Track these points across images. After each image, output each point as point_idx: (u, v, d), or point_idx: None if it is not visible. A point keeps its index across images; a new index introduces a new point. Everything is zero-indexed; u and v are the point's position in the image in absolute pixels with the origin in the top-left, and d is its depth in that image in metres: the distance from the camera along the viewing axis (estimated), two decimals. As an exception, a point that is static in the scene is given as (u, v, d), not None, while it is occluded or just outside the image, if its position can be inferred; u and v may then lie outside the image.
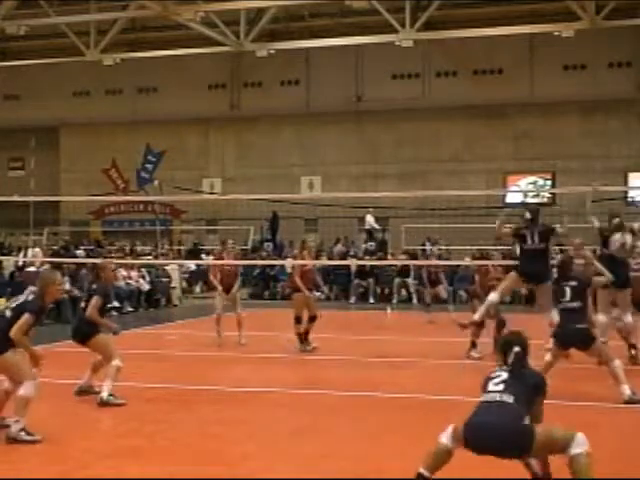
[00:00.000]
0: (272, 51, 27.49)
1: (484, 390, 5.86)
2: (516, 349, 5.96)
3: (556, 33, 25.00)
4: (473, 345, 12.36)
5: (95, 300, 9.13)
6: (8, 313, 7.60)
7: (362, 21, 28.38)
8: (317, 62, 31.77)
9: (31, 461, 6.74)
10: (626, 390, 9.01)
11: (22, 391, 7.29)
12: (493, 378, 5.85)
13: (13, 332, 7.38)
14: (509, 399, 5.65)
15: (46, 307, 8.03)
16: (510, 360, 5.91)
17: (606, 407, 9.02)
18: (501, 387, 5.73)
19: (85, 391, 9.33)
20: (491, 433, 5.57)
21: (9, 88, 34.55)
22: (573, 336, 9.30)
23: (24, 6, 25.86)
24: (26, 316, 7.45)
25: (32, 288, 7.85)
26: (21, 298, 7.75)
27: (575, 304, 9.36)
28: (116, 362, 9.02)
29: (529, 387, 5.81)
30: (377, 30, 26.25)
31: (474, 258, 19.20)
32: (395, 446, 7.25)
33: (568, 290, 9.43)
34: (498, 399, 5.67)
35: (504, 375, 5.83)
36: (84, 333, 9.22)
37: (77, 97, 34.77)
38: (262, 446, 7.23)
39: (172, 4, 23.96)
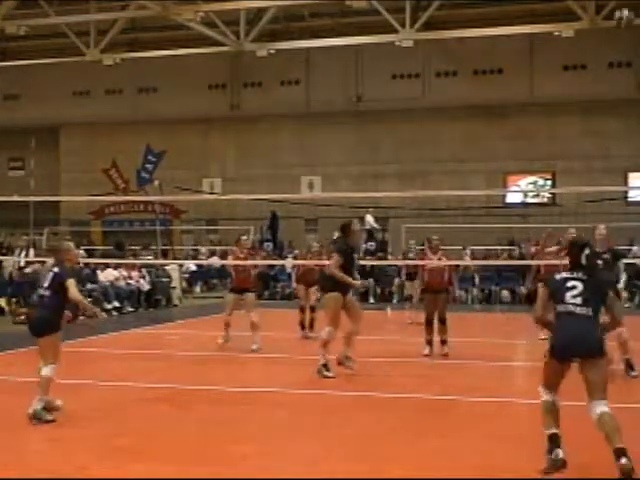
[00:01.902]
0: (272, 51, 27.49)
1: (561, 299, 6.31)
2: (587, 251, 6.43)
3: (556, 33, 25.00)
4: None
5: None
6: (47, 293, 8.07)
7: (362, 21, 28.40)
8: (317, 62, 31.77)
9: (29, 460, 6.73)
10: None
11: (46, 372, 7.92)
12: (570, 289, 6.30)
13: (73, 294, 7.93)
14: (588, 312, 6.25)
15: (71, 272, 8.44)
16: (584, 262, 6.39)
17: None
18: (579, 300, 6.25)
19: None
20: (578, 345, 6.20)
21: (9, 88, 34.56)
22: None
23: (24, 6, 25.86)
24: (69, 281, 7.97)
25: (50, 265, 8.37)
26: (48, 277, 8.13)
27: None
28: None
29: (602, 289, 6.38)
30: (377, 30, 26.24)
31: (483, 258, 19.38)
32: (395, 446, 7.25)
33: None
34: (578, 312, 6.24)
35: (580, 286, 6.29)
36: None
37: (77, 97, 34.79)
38: (262, 446, 7.22)
39: (172, 4, 23.98)
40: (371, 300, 23.89)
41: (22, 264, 20.12)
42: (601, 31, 25.08)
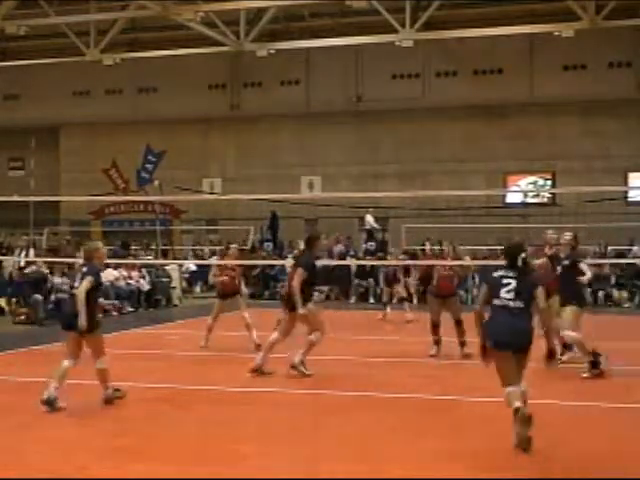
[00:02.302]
0: (272, 51, 27.48)
1: (497, 295, 7.16)
2: (523, 255, 7.29)
3: (556, 33, 24.99)
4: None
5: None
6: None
7: (362, 21, 28.39)
8: (317, 62, 31.78)
9: (29, 461, 6.73)
10: None
11: (101, 365, 8.78)
12: (505, 285, 7.15)
13: (79, 291, 8.57)
14: (520, 305, 7.10)
15: (100, 270, 9.34)
16: (519, 263, 7.24)
17: (606, 407, 9.04)
18: (512, 295, 7.11)
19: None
20: (513, 339, 7.04)
21: (9, 88, 34.56)
22: None
23: (24, 6, 25.84)
24: (87, 277, 8.66)
25: (80, 265, 9.25)
26: (78, 277, 8.89)
27: None
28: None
29: (533, 287, 7.22)
30: (377, 30, 26.23)
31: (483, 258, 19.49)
32: (395, 446, 7.25)
33: None
34: (512, 305, 7.10)
35: (513, 283, 7.14)
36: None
37: (77, 97, 34.79)
38: (262, 446, 7.22)
39: (172, 4, 23.97)
40: (371, 300, 23.91)
41: (22, 264, 20.09)
42: (601, 31, 25.10)
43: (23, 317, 17.96)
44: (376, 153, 31.44)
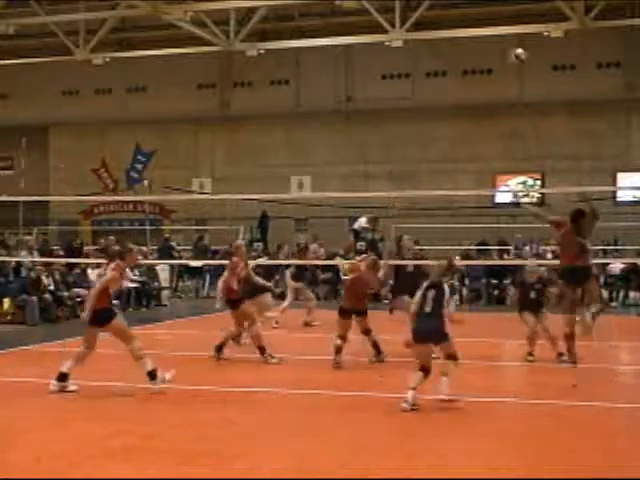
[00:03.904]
0: (262, 51, 27.45)
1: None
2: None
3: (545, 33, 25.05)
4: None
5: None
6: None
7: (352, 21, 28.39)
8: (307, 62, 31.78)
9: (22, 459, 6.72)
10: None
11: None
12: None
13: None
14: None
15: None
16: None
17: (604, 407, 9.08)
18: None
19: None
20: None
21: (-2, 87, 34.46)
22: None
23: (13, 5, 25.78)
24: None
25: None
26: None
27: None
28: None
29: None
30: (367, 30, 26.25)
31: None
32: (389, 445, 7.26)
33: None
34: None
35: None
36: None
37: (66, 96, 34.70)
38: (256, 446, 7.23)
39: (162, 3, 23.93)
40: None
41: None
42: (590, 31, 25.17)
43: (9, 317, 17.88)
44: (366, 153, 31.46)
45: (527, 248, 24.64)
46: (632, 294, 23.44)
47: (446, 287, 9.20)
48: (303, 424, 8.18)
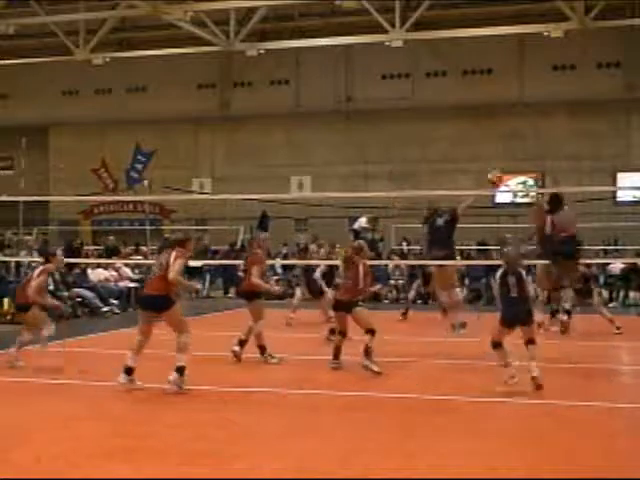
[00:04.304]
0: (262, 51, 27.46)
1: None
2: None
3: (545, 33, 25.06)
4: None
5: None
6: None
7: (352, 21, 28.39)
8: (307, 62, 31.78)
9: (21, 460, 6.72)
10: None
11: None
12: None
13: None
14: None
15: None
16: None
17: (604, 407, 9.08)
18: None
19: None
20: None
21: (-2, 87, 34.46)
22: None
23: (13, 5, 25.77)
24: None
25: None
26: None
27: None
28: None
29: None
30: (367, 30, 26.25)
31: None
32: (388, 446, 7.26)
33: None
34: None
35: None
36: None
37: (66, 96, 34.70)
38: (256, 446, 7.23)
39: (162, 3, 23.92)
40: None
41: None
42: (590, 31, 25.17)
43: (9, 317, 17.86)
44: (366, 153, 31.45)
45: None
46: (632, 294, 23.40)
47: (523, 273, 9.75)
48: (303, 424, 8.18)
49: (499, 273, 9.71)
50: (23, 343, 11.30)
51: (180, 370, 9.45)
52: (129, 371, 9.55)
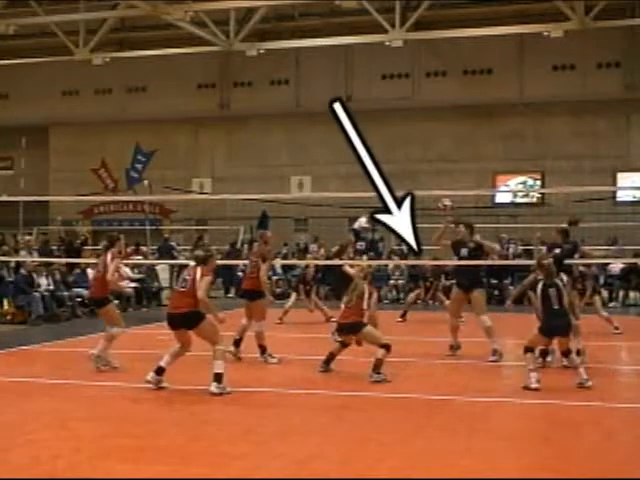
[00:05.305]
0: (262, 51, 27.50)
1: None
2: None
3: (545, 33, 25.09)
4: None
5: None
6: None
7: (352, 21, 28.43)
8: (307, 62, 31.78)
9: (22, 459, 6.71)
10: None
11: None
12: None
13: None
14: None
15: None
16: None
17: (604, 407, 9.08)
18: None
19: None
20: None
21: (-2, 87, 34.47)
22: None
23: (13, 5, 25.79)
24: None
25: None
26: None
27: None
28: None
29: None
30: (367, 30, 26.28)
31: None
32: (387, 446, 7.26)
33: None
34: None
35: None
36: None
37: (66, 96, 34.69)
38: (256, 446, 7.22)
39: (162, 3, 23.96)
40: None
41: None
42: (590, 31, 25.21)
43: (9, 317, 17.87)
44: (366, 153, 31.40)
45: (511, 248, 24.59)
46: (632, 294, 23.39)
47: (560, 284, 9.94)
48: (303, 424, 8.18)
49: (540, 286, 9.87)
50: (112, 337, 11.09)
51: (218, 378, 9.41)
52: (160, 371, 9.60)
